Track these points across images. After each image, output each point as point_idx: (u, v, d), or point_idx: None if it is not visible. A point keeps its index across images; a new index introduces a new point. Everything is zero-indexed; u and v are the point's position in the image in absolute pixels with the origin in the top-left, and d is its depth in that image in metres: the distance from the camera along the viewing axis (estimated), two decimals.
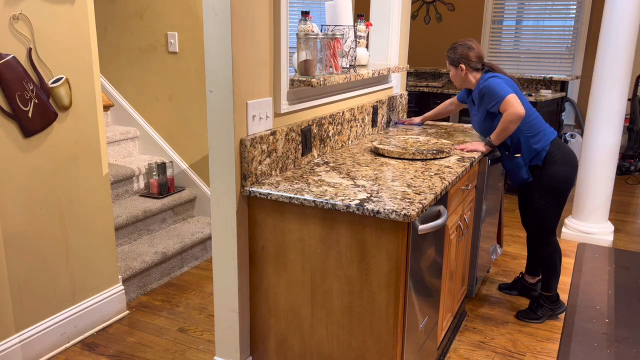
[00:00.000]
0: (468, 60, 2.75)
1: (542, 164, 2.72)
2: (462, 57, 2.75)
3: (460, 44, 2.78)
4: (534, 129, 2.72)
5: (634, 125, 5.69)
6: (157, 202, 3.52)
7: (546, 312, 2.91)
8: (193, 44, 3.56)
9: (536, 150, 2.71)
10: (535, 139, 2.72)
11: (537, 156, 2.72)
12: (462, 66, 2.75)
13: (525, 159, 2.75)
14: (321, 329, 2.08)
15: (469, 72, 2.77)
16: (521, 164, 2.76)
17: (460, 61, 2.76)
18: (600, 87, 3.68)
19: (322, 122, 2.50)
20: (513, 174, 2.82)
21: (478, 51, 2.76)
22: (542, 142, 2.72)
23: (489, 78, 2.69)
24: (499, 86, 2.63)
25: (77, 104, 2.54)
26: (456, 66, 2.78)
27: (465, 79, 2.80)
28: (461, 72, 2.78)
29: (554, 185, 2.72)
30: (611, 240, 3.91)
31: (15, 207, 2.33)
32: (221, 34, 1.92)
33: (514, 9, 6.38)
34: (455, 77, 2.83)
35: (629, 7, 3.49)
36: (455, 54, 2.77)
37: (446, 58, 2.82)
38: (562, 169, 2.71)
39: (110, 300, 2.85)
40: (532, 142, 2.71)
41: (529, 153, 2.74)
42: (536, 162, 2.73)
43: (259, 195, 2.03)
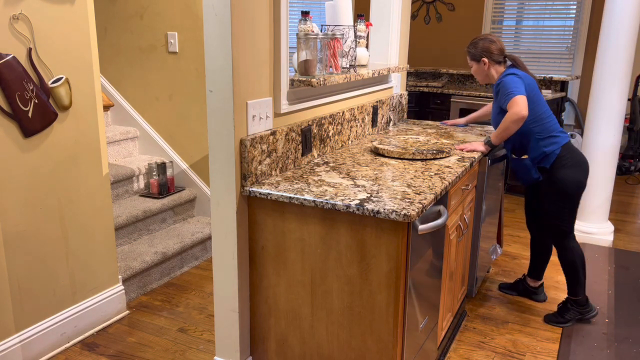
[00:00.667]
0: (490, 53, 2.73)
1: (550, 167, 2.69)
2: (483, 50, 2.73)
3: (481, 38, 2.77)
4: (546, 131, 2.69)
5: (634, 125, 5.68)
6: (157, 202, 3.52)
7: (574, 316, 2.86)
8: (193, 44, 3.56)
9: (545, 152, 2.68)
10: (547, 141, 2.68)
11: (545, 158, 2.69)
12: (484, 60, 2.74)
13: (534, 159, 2.73)
14: (321, 329, 2.08)
15: (492, 66, 2.76)
16: (529, 165, 2.74)
17: (482, 55, 2.74)
18: (600, 87, 3.68)
19: (322, 122, 2.50)
20: (522, 174, 2.80)
21: (499, 44, 2.75)
22: (553, 145, 2.68)
23: (507, 74, 2.66)
24: (514, 84, 2.60)
25: (77, 104, 2.54)
26: (478, 61, 2.77)
27: (488, 73, 2.78)
28: (484, 67, 2.76)
29: (564, 189, 2.68)
30: (611, 240, 3.91)
31: (15, 207, 2.33)
32: (221, 34, 1.92)
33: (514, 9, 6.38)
34: (478, 72, 2.81)
35: (629, 7, 3.49)
36: (476, 48, 2.75)
37: (467, 54, 2.81)
38: (572, 173, 2.67)
39: (110, 300, 2.85)
40: (542, 144, 2.68)
41: (537, 155, 2.71)
42: (544, 164, 2.70)
43: (259, 195, 2.03)
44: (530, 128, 2.68)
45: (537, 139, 2.69)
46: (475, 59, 2.79)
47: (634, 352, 2.63)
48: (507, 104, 2.59)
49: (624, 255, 3.76)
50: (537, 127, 2.68)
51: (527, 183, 2.83)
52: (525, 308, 3.05)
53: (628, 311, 3.01)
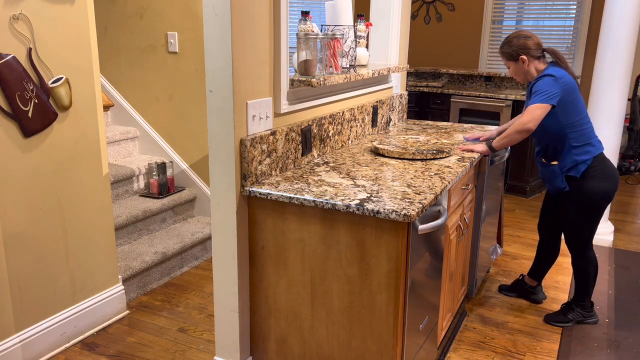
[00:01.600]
0: (528, 49, 2.59)
1: (580, 177, 2.59)
2: (520, 47, 2.59)
3: (515, 35, 2.62)
4: (582, 138, 2.58)
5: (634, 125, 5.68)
6: (157, 202, 3.52)
7: (576, 317, 2.85)
8: (193, 44, 3.56)
9: (576, 161, 2.58)
10: (581, 149, 2.57)
11: (575, 168, 2.59)
12: (523, 57, 2.59)
13: (563, 167, 2.62)
14: (321, 329, 2.08)
15: (532, 63, 2.61)
16: (557, 172, 2.64)
17: (520, 52, 2.60)
18: (600, 87, 3.68)
19: (322, 122, 2.50)
20: (548, 180, 2.72)
21: (536, 39, 2.61)
22: (586, 155, 2.58)
23: (545, 75, 2.51)
24: (548, 87, 2.46)
25: (77, 104, 2.54)
26: (516, 59, 2.62)
27: (528, 71, 2.63)
28: (523, 65, 2.61)
29: (592, 200, 2.60)
30: (611, 240, 3.91)
31: (15, 207, 2.33)
32: (221, 34, 1.92)
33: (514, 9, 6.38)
34: (518, 72, 2.66)
35: (629, 7, 3.49)
36: (511, 46, 2.61)
37: (502, 55, 2.67)
38: (602, 185, 2.58)
39: (110, 300, 2.85)
40: (575, 152, 2.57)
41: (568, 162, 2.60)
42: (574, 173, 2.60)
43: (259, 195, 2.03)
44: (567, 133, 2.56)
45: (572, 146, 2.57)
46: (512, 59, 2.64)
47: (634, 352, 2.63)
48: (530, 106, 2.48)
49: (624, 255, 3.76)
50: (574, 134, 2.56)
51: (552, 190, 2.74)
52: (525, 308, 3.05)
53: (628, 311, 3.01)
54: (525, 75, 2.66)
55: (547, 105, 2.45)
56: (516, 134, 2.51)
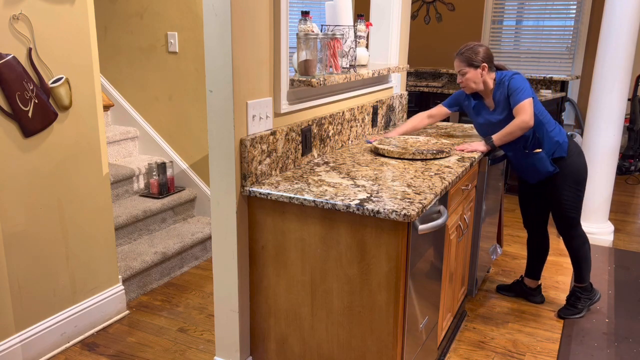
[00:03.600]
0: (490, 61, 2.69)
1: (567, 155, 2.73)
2: (485, 57, 2.67)
3: (477, 44, 2.70)
4: (551, 123, 2.73)
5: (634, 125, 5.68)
6: (157, 202, 3.52)
7: (585, 303, 2.94)
8: (193, 44, 3.56)
9: (558, 142, 2.71)
10: (555, 132, 2.72)
11: (559, 148, 2.72)
12: (485, 66, 2.66)
13: (548, 152, 2.73)
14: (321, 329, 2.08)
15: (488, 74, 2.70)
16: (544, 157, 2.73)
17: (483, 61, 2.66)
18: (600, 87, 3.68)
19: (322, 122, 2.50)
20: (535, 169, 2.77)
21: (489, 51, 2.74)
22: (561, 134, 2.73)
23: (513, 75, 2.66)
24: (525, 85, 2.61)
25: (77, 104, 2.54)
26: (477, 67, 2.67)
27: (484, 80, 2.70)
28: (482, 72, 2.68)
29: (580, 175, 2.75)
30: (611, 240, 3.91)
31: (15, 207, 2.33)
32: (221, 34, 1.92)
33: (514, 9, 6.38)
34: (474, 79, 2.69)
35: (629, 7, 3.49)
36: (477, 54, 2.66)
37: (462, 60, 2.68)
38: (582, 160, 2.76)
39: (110, 300, 2.85)
40: (553, 134, 2.71)
41: (551, 146, 2.72)
42: (560, 153, 2.72)
43: (259, 195, 2.03)
44: (540, 120, 2.69)
45: (548, 130, 2.70)
46: (473, 65, 2.67)
47: (634, 352, 2.63)
48: (517, 106, 2.58)
49: (624, 255, 3.76)
50: (546, 119, 2.70)
51: (540, 178, 2.80)
52: (525, 308, 3.05)
53: (628, 311, 3.01)
54: (478, 83, 2.70)
55: (531, 99, 2.59)
56: (518, 131, 2.59)
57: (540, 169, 2.76)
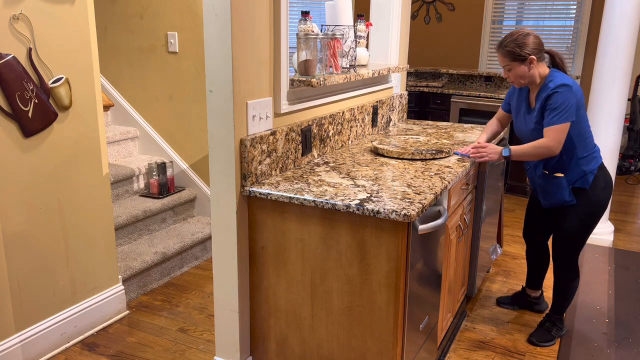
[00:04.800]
0: (539, 51, 2.36)
1: (590, 188, 2.45)
2: (534, 49, 2.34)
3: (524, 34, 2.36)
4: (588, 148, 2.44)
5: (634, 125, 5.68)
6: (157, 202, 3.52)
7: (558, 332, 2.74)
8: (193, 44, 3.56)
9: (584, 172, 2.43)
10: (587, 159, 2.43)
11: (584, 178, 2.44)
12: (532, 58, 2.34)
13: (570, 179, 2.45)
14: (321, 329, 2.08)
15: (537, 66, 2.38)
16: (563, 184, 2.45)
17: (532, 53, 2.34)
18: (600, 87, 3.68)
19: (322, 122, 2.50)
20: (549, 194, 2.52)
21: (538, 38, 2.38)
22: (592, 164, 2.44)
23: (562, 85, 2.31)
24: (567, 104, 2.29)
25: (77, 104, 2.54)
26: (523, 60, 2.35)
27: (533, 74, 2.39)
28: (530, 67, 2.37)
29: (597, 210, 2.49)
30: (611, 240, 3.91)
31: (15, 207, 2.33)
32: (221, 34, 1.92)
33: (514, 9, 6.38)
34: (523, 75, 2.39)
35: (629, 7, 3.49)
36: (523, 46, 2.33)
37: (505, 54, 2.37)
38: (606, 194, 2.49)
39: (110, 300, 2.85)
40: (582, 162, 2.42)
41: (575, 174, 2.44)
42: (582, 184, 2.44)
43: (259, 195, 2.03)
44: (575, 144, 2.40)
45: (579, 157, 2.42)
46: (519, 59, 2.35)
47: (634, 352, 2.63)
48: (550, 127, 2.32)
49: (624, 255, 3.76)
50: (581, 144, 2.41)
51: (552, 204, 2.54)
52: None
53: (628, 311, 3.01)
54: (528, 78, 2.41)
55: (568, 124, 2.31)
56: (539, 155, 2.37)
57: (556, 195, 2.50)
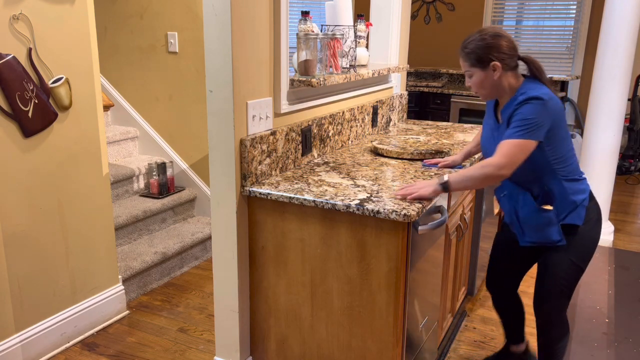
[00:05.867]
0: (502, 54, 1.85)
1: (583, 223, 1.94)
2: (494, 49, 1.84)
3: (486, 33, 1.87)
4: (574, 172, 1.93)
5: (634, 125, 5.69)
6: (157, 202, 3.52)
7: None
8: (193, 44, 3.56)
9: (575, 204, 1.92)
10: (575, 187, 1.92)
11: (575, 212, 1.92)
12: (495, 64, 1.85)
13: (559, 213, 1.93)
14: (321, 329, 2.08)
15: (504, 74, 1.88)
16: (552, 220, 1.93)
17: (492, 57, 1.84)
18: (600, 87, 3.68)
19: (322, 122, 2.50)
20: (533, 230, 1.98)
21: (512, 41, 1.87)
22: (582, 193, 1.93)
23: (534, 98, 1.80)
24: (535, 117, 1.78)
25: (77, 104, 2.54)
26: (485, 66, 1.87)
27: (498, 84, 1.90)
28: (493, 75, 1.87)
29: (592, 249, 2.01)
30: (611, 240, 3.91)
31: (15, 207, 2.33)
32: (221, 34, 1.92)
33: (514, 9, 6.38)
34: (484, 84, 1.91)
35: (628, 7, 3.49)
36: (488, 49, 1.85)
37: (464, 57, 1.91)
38: (597, 230, 2.00)
39: (110, 300, 2.85)
40: (570, 191, 1.92)
41: (565, 206, 1.93)
42: (574, 220, 1.93)
43: (259, 195, 2.03)
44: (555, 169, 1.90)
45: (565, 185, 1.92)
46: (479, 64, 1.87)
47: (634, 352, 2.63)
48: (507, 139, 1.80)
49: (624, 255, 3.76)
50: (564, 170, 1.91)
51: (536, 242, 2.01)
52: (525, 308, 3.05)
53: (628, 311, 3.01)
54: (492, 89, 1.92)
55: (530, 142, 1.79)
56: (484, 180, 1.82)
57: (541, 233, 1.96)
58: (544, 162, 1.88)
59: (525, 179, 1.95)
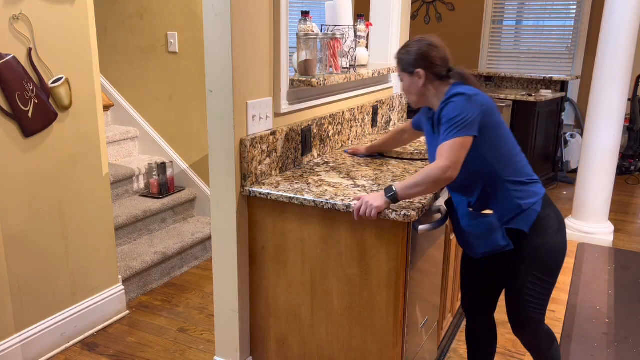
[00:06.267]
0: (429, 62, 1.85)
1: (531, 232, 1.82)
2: (420, 58, 1.86)
3: (417, 40, 1.89)
4: (520, 173, 1.83)
5: (634, 125, 5.69)
6: (157, 202, 3.52)
7: None
8: (193, 44, 3.56)
9: (521, 208, 1.81)
10: (523, 190, 1.82)
11: (521, 217, 1.82)
12: (419, 72, 1.86)
13: (502, 216, 1.83)
14: (321, 329, 2.08)
15: (430, 82, 1.88)
16: (495, 225, 1.83)
17: (417, 64, 1.86)
18: (600, 87, 3.68)
19: (322, 122, 2.50)
20: (477, 238, 1.88)
21: (443, 51, 1.88)
22: (531, 197, 1.82)
23: (455, 94, 1.78)
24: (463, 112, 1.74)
25: (77, 104, 2.54)
26: (411, 72, 1.88)
27: (424, 92, 1.90)
28: (418, 82, 1.88)
29: (556, 260, 1.88)
30: (611, 240, 3.91)
31: (15, 207, 2.33)
32: (221, 34, 1.92)
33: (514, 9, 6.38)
34: (410, 90, 1.92)
35: (629, 7, 3.49)
36: (409, 54, 1.88)
37: (396, 62, 1.95)
38: (561, 239, 1.87)
39: (110, 300, 2.85)
40: (516, 194, 1.81)
41: (508, 209, 1.82)
42: (520, 226, 1.82)
43: (259, 195, 2.03)
44: (497, 170, 1.81)
45: (509, 185, 1.82)
46: (406, 70, 1.90)
47: (634, 352, 2.63)
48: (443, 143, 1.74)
49: (624, 255, 3.76)
50: (506, 169, 1.82)
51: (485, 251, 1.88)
52: None
53: (628, 311, 3.01)
54: (419, 96, 1.92)
55: (466, 138, 1.73)
56: (432, 185, 1.74)
57: (487, 240, 1.86)
58: (481, 162, 1.80)
59: (463, 182, 1.86)
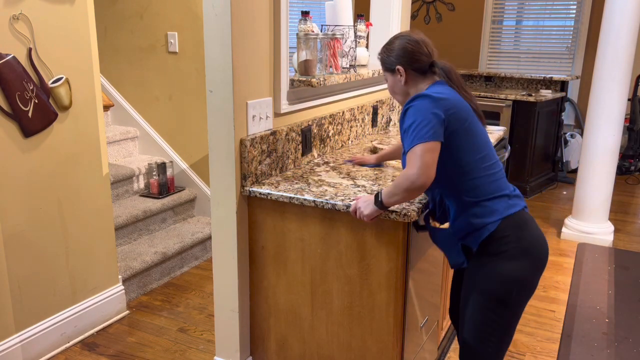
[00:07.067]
0: (410, 59, 1.75)
1: (478, 252, 1.70)
2: (400, 54, 1.76)
3: (398, 37, 1.80)
4: (479, 191, 1.67)
5: (634, 125, 5.69)
6: (157, 202, 3.52)
7: None
8: (193, 44, 3.56)
9: (473, 226, 1.68)
10: (481, 208, 1.67)
11: (472, 235, 1.69)
12: (400, 69, 1.77)
13: (457, 232, 1.73)
14: (321, 329, 2.08)
15: (411, 80, 1.78)
16: (451, 240, 1.77)
17: (397, 61, 1.77)
18: (600, 87, 3.68)
19: (322, 122, 2.50)
20: (444, 250, 1.85)
21: (426, 47, 1.76)
22: (489, 215, 1.66)
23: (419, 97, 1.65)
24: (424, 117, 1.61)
25: (77, 104, 2.54)
26: (393, 70, 1.80)
27: (407, 90, 1.80)
28: (400, 80, 1.79)
29: (504, 290, 1.67)
30: (611, 240, 3.91)
31: (15, 207, 2.33)
32: (221, 34, 1.92)
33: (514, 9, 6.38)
34: (395, 89, 1.84)
35: (629, 7, 3.49)
36: (390, 52, 1.79)
37: (379, 61, 1.88)
38: (515, 266, 1.66)
39: (110, 300, 2.85)
40: (473, 211, 1.68)
41: (461, 226, 1.71)
42: (470, 243, 1.71)
43: (259, 195, 2.03)
44: (455, 182, 1.69)
45: (465, 201, 1.69)
46: (389, 69, 1.81)
47: (634, 352, 2.63)
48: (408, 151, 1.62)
49: (624, 255, 3.76)
50: (467, 183, 1.67)
51: (451, 266, 1.84)
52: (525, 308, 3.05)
53: (628, 311, 3.01)
54: (402, 95, 1.83)
55: (432, 143, 1.59)
56: (405, 194, 1.63)
57: (449, 253, 1.80)
58: (440, 170, 1.65)
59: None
